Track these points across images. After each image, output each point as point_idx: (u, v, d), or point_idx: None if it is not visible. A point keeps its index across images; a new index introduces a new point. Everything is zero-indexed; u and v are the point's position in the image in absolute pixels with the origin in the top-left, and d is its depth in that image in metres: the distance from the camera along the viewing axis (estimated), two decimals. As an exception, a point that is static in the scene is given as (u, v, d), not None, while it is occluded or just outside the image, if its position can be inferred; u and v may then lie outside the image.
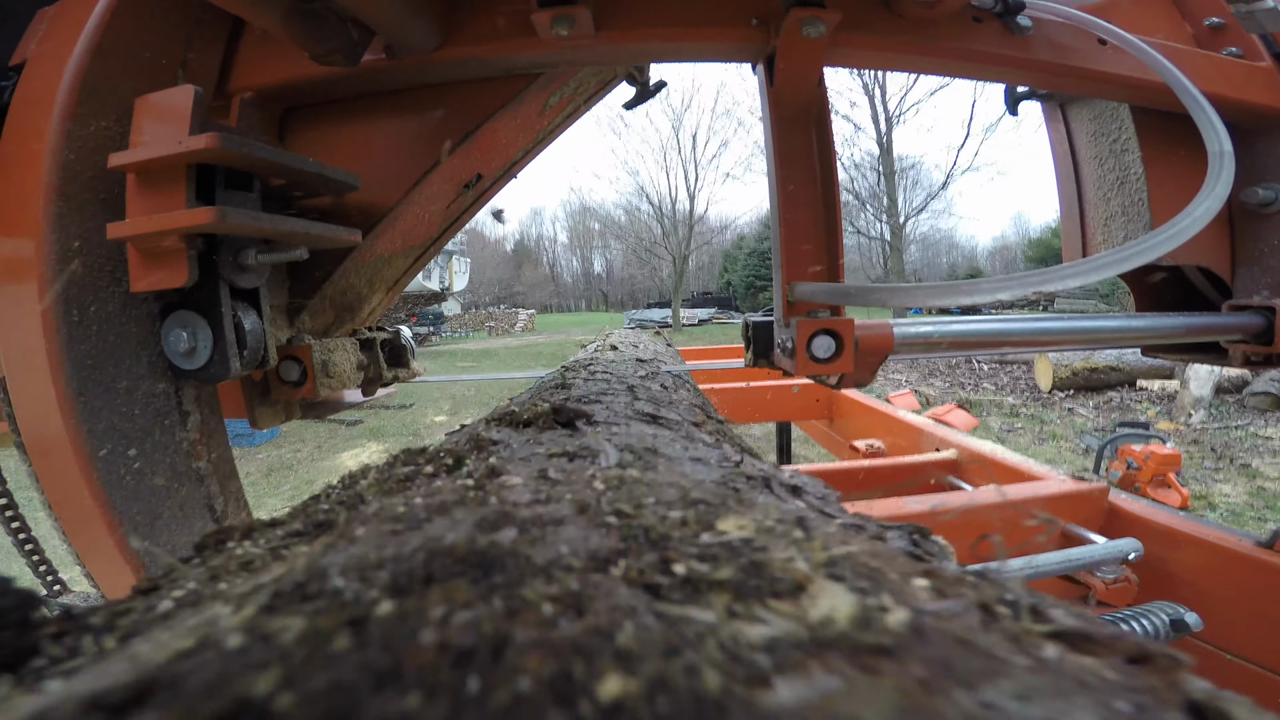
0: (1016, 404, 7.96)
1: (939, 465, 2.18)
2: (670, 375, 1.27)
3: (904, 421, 2.81)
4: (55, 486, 0.91)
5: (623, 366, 1.27)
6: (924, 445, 2.48)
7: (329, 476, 5.11)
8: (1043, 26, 1.02)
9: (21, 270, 0.86)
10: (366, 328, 1.42)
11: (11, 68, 0.94)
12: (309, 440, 7.30)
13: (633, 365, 1.32)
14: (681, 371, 1.45)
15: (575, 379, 1.05)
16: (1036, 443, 6.45)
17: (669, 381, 1.15)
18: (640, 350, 1.75)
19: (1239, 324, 1.14)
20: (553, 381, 1.06)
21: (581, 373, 1.15)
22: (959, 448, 2.22)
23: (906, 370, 10.50)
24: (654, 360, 1.51)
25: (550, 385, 1.00)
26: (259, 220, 0.86)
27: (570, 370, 1.24)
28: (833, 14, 0.86)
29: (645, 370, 1.23)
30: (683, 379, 1.34)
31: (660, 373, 1.25)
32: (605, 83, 1.40)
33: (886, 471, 2.14)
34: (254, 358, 0.98)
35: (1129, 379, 8.38)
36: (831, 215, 1.03)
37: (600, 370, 1.18)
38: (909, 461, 2.24)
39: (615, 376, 1.06)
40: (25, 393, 0.90)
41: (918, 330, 1.03)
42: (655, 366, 1.36)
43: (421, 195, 1.20)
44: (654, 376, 1.16)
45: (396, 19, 0.91)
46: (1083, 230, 1.42)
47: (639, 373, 1.17)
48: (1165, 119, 1.19)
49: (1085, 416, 7.24)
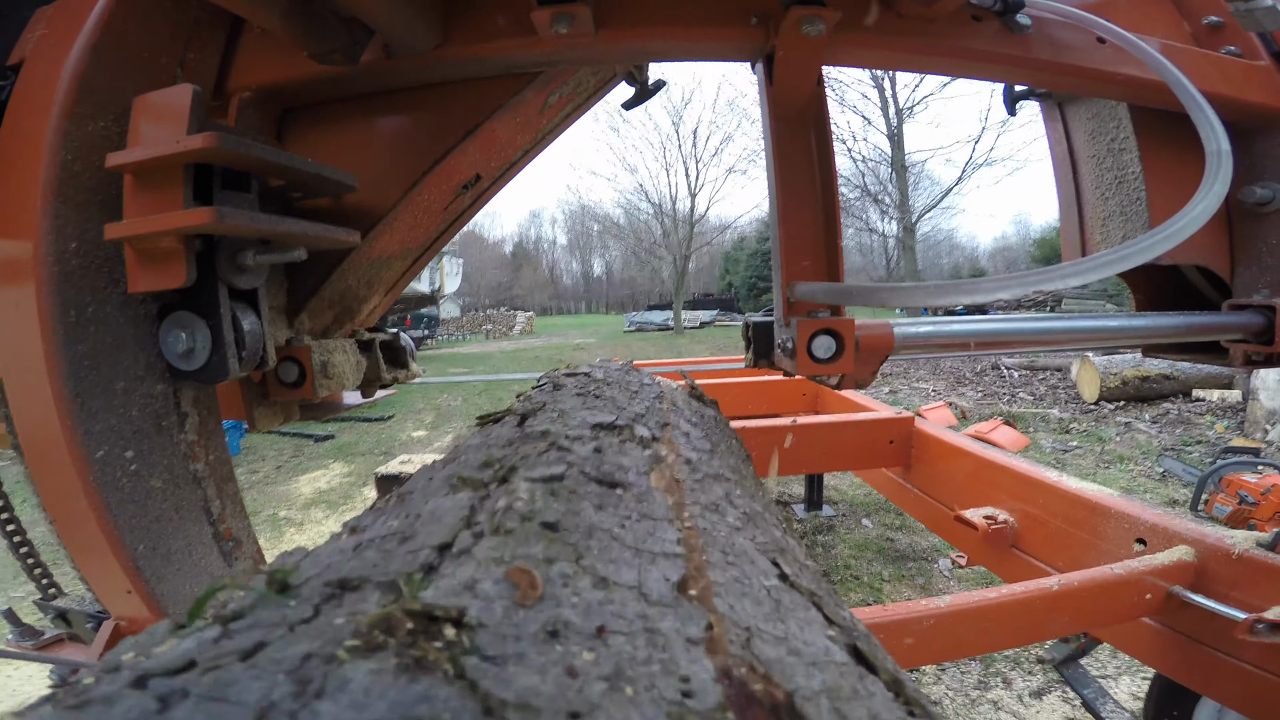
0: (1064, 418, 7.00)
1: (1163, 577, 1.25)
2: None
3: (1031, 477, 1.77)
4: (51, 488, 0.91)
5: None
6: (1085, 520, 1.55)
7: (278, 506, 4.89)
8: (1042, 25, 1.02)
9: (19, 270, 0.85)
10: (365, 329, 1.42)
11: (9, 67, 0.93)
12: (271, 458, 6.57)
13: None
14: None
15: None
16: (1101, 466, 5.37)
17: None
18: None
19: (1239, 323, 1.14)
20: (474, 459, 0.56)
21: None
22: (1192, 542, 1.32)
23: (933, 379, 9.72)
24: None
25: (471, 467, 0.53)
26: (257, 221, 0.86)
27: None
28: (832, 13, 0.86)
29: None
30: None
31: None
32: (604, 81, 1.40)
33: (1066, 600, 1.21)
34: (253, 359, 0.97)
35: (1184, 388, 7.59)
36: (831, 214, 1.03)
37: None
38: (1110, 576, 1.25)
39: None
40: (22, 394, 0.90)
41: (918, 330, 1.03)
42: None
43: (420, 196, 1.20)
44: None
45: (396, 18, 0.91)
46: (1081, 229, 1.42)
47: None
48: (1163, 118, 1.19)
49: (1146, 432, 6.29)
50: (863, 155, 24.42)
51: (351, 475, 5.76)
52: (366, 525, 0.45)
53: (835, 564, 3.45)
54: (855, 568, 3.42)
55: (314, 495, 5.21)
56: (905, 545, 3.69)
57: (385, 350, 1.39)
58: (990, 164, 22.58)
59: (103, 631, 0.97)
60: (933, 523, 2.36)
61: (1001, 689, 2.39)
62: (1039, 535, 1.70)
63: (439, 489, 0.47)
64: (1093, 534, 1.53)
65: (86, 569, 0.95)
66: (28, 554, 1.19)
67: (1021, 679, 2.44)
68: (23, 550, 1.19)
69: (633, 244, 33.09)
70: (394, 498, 0.53)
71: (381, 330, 1.45)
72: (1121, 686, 2.34)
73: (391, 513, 0.46)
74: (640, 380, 1.00)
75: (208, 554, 1.00)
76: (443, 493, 0.46)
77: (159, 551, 0.92)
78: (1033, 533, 1.72)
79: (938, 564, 3.43)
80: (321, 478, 5.76)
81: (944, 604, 1.14)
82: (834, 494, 4.52)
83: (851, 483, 4.66)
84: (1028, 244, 54.48)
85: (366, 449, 6.84)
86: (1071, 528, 1.59)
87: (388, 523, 0.43)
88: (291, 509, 4.89)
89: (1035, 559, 1.70)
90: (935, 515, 2.29)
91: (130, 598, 0.90)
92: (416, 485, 0.53)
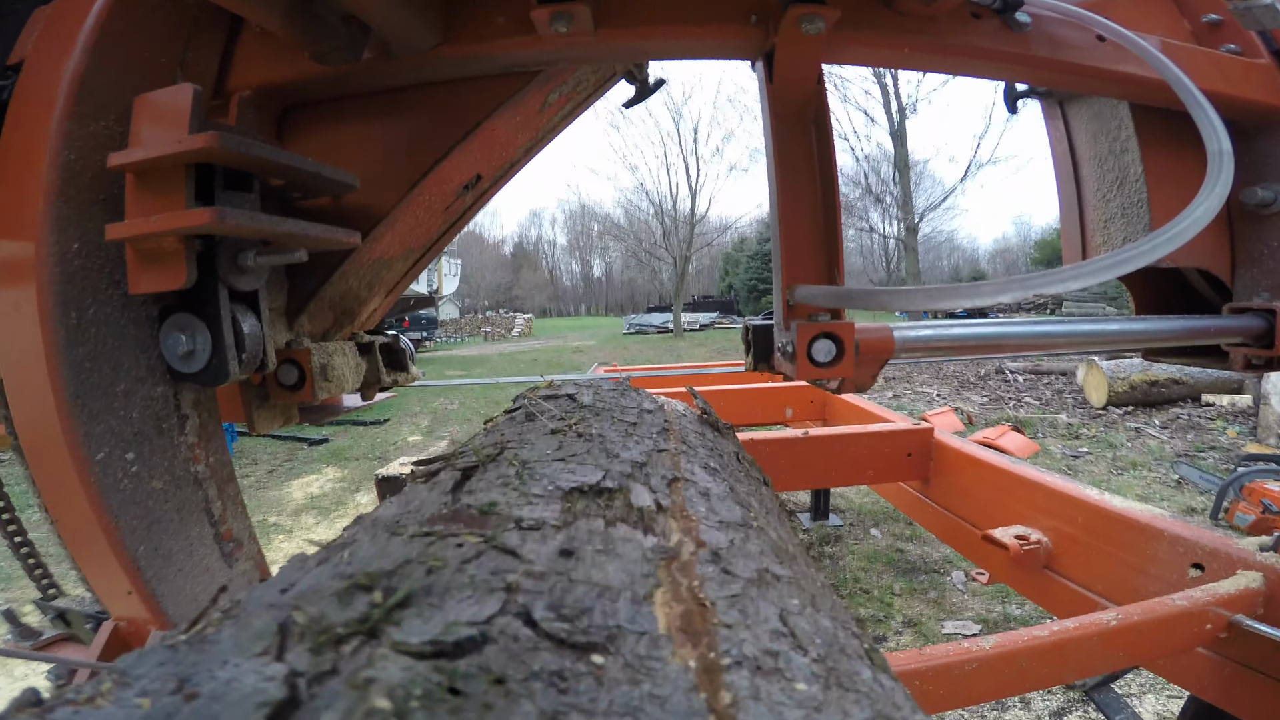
0: (1073, 423, 6.91)
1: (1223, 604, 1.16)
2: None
3: (1068, 494, 1.66)
4: (52, 490, 0.90)
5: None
6: (1131, 542, 1.46)
7: (268, 512, 4.82)
8: (1042, 23, 1.02)
9: (20, 271, 0.85)
10: (365, 331, 1.41)
11: (9, 67, 0.93)
12: (264, 461, 6.40)
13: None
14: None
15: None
16: (1114, 472, 5.27)
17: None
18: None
19: (1239, 326, 1.14)
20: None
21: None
22: (1258, 567, 1.24)
23: (937, 383, 9.61)
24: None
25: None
26: (258, 221, 0.86)
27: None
28: (832, 10, 0.86)
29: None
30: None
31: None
32: (604, 80, 1.40)
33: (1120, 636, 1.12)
34: (253, 361, 0.97)
35: (1193, 393, 7.50)
36: (832, 216, 1.03)
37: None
38: (1173, 608, 1.16)
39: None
40: (23, 395, 0.90)
41: (918, 334, 1.02)
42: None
43: (421, 196, 1.19)
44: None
45: (396, 17, 0.91)
46: (1082, 231, 1.42)
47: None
48: (1165, 118, 1.19)
49: (1158, 438, 6.22)
50: (864, 154, 24.23)
51: (345, 481, 5.71)
52: (136, 677, 0.26)
53: (844, 577, 3.39)
54: (864, 580, 3.35)
55: (305, 501, 5.17)
56: (916, 556, 3.63)
57: (385, 353, 1.39)
58: (994, 162, 22.37)
59: (102, 632, 0.96)
60: (954, 540, 2.25)
61: (1020, 709, 2.31)
62: (1076, 557, 1.62)
63: (259, 635, 0.28)
64: (1140, 557, 1.46)
65: (87, 570, 0.95)
66: (28, 554, 1.19)
67: (1040, 699, 2.35)
68: (23, 550, 1.19)
69: (633, 245, 33.07)
70: (210, 614, 0.35)
71: (381, 333, 1.45)
72: (1146, 705, 2.28)
73: (179, 661, 0.27)
74: (640, 405, 0.83)
75: (208, 555, 0.99)
76: (260, 644, 0.28)
77: (160, 552, 0.92)
78: (1069, 554, 1.64)
79: (951, 576, 3.36)
80: (314, 483, 5.69)
81: (989, 646, 1.07)
82: (841, 502, 4.48)
83: (859, 490, 4.55)
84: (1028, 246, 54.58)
85: (361, 453, 6.76)
86: (1115, 549, 1.52)
87: (149, 689, 0.25)
88: (282, 515, 4.85)
89: (1071, 581, 1.63)
90: (957, 532, 2.19)
91: (131, 599, 0.89)
92: (249, 602, 0.34)
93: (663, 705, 0.25)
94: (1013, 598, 3.05)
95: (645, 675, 0.26)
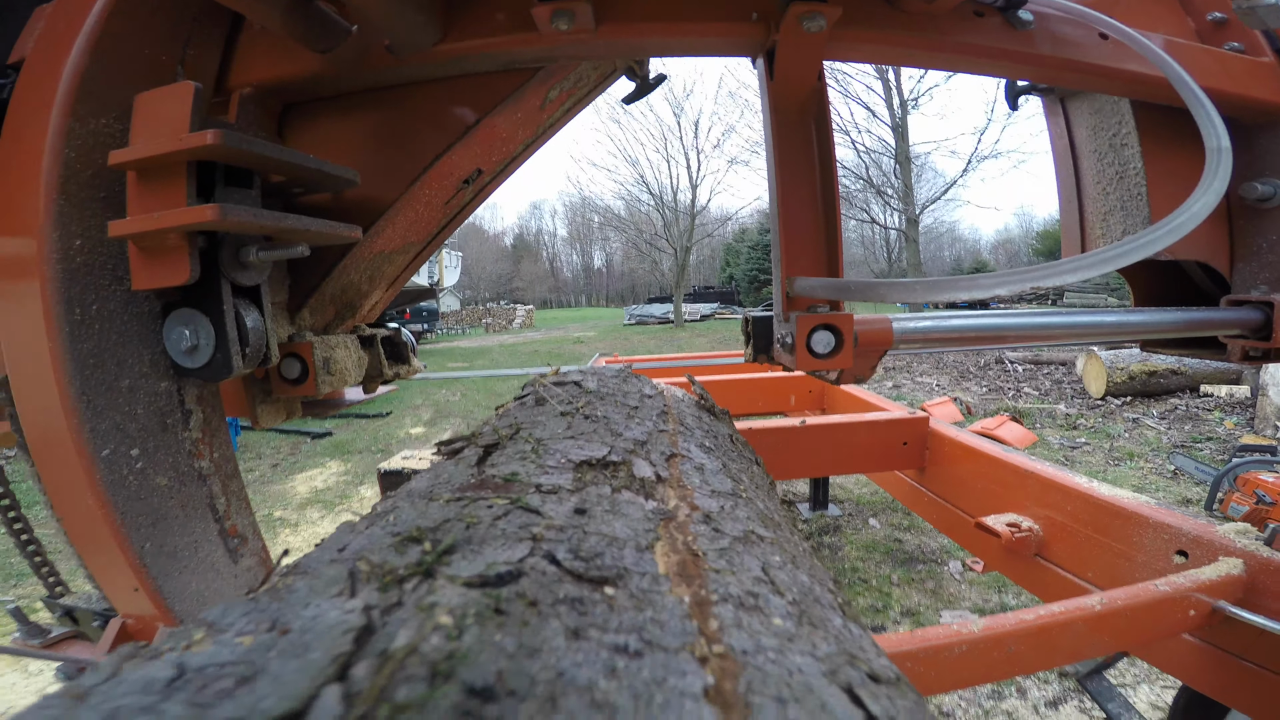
0: (1071, 414, 6.95)
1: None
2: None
3: (1059, 483, 1.68)
4: (58, 486, 0.91)
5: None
6: (1119, 530, 1.48)
7: (273, 506, 4.83)
8: (1044, 21, 1.02)
9: (23, 269, 0.86)
10: (367, 324, 1.42)
11: (10, 66, 0.93)
12: (267, 456, 6.39)
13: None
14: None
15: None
16: (1110, 463, 5.25)
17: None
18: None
19: (1237, 319, 1.14)
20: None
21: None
22: (1240, 555, 1.26)
23: (936, 374, 9.60)
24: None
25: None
26: (260, 217, 0.86)
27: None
28: (833, 8, 0.86)
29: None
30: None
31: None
32: (605, 76, 1.39)
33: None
34: (256, 355, 0.98)
35: (1191, 384, 7.50)
36: (831, 210, 1.03)
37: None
38: (1156, 593, 1.18)
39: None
40: (28, 392, 0.91)
41: (917, 325, 1.03)
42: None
43: (421, 191, 1.20)
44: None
45: (397, 15, 0.91)
46: (1081, 224, 1.42)
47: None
48: (1165, 114, 1.19)
49: (1155, 429, 6.25)
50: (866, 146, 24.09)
51: (348, 474, 5.72)
52: (227, 625, 0.30)
53: (842, 566, 3.41)
54: (863, 570, 3.38)
55: (310, 495, 5.18)
56: (914, 546, 3.66)
57: (386, 346, 1.39)
58: (996, 156, 22.33)
59: (110, 629, 0.98)
60: (948, 528, 2.27)
61: (1016, 699, 2.33)
62: (1067, 544, 1.65)
63: (331, 581, 0.33)
64: (1127, 544, 1.48)
65: (94, 566, 0.96)
66: (34, 551, 1.20)
67: (1037, 688, 2.38)
68: (30, 548, 1.20)
69: (633, 236, 32.97)
70: (290, 570, 0.39)
71: (383, 325, 1.46)
72: (1141, 695, 2.30)
73: (263, 609, 0.31)
74: (640, 390, 0.88)
75: (213, 551, 1.00)
76: (334, 588, 0.32)
77: (165, 549, 0.93)
78: (1060, 541, 1.66)
79: (948, 566, 3.40)
80: (318, 476, 5.70)
81: (978, 629, 1.09)
82: (840, 492, 4.50)
83: (858, 480, 4.60)
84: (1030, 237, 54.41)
85: (364, 446, 6.75)
86: (1103, 537, 1.54)
87: (244, 631, 0.29)
88: (287, 509, 4.86)
89: (1062, 569, 1.66)
90: (951, 520, 2.21)
91: (137, 595, 0.90)
92: (309, 562, 0.38)
93: (662, 627, 0.30)
94: (1009, 588, 3.07)
95: (648, 604, 0.32)
